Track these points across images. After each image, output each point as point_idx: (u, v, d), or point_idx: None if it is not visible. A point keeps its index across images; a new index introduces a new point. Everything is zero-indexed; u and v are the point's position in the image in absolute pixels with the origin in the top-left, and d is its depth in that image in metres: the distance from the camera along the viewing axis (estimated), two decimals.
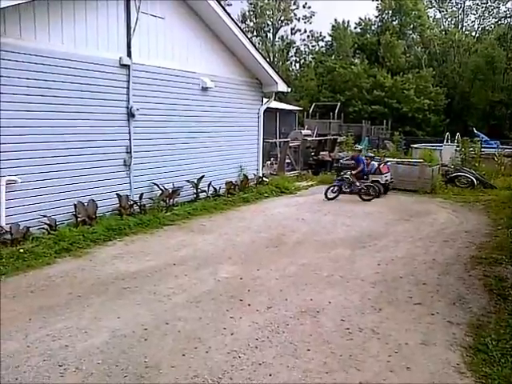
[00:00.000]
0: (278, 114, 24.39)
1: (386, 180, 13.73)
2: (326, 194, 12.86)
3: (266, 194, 12.96)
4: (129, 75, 9.51)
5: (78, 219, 8.34)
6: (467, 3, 45.61)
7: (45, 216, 7.88)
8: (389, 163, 15.09)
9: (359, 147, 14.79)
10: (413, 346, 4.60)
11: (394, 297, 5.88)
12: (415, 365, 4.25)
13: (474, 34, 45.08)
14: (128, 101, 9.54)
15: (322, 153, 18.59)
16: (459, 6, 46.09)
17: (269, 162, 17.31)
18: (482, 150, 18.67)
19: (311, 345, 4.57)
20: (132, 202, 9.48)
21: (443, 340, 4.72)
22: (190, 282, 6.28)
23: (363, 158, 13.70)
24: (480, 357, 4.36)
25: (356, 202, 12.68)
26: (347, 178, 13.22)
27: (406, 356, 4.41)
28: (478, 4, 45.44)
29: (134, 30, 9.43)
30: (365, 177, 13.34)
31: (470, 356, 4.40)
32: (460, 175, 15.29)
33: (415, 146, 23.59)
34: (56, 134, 8.21)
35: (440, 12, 47.44)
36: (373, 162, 13.87)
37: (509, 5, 43.24)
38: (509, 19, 41.12)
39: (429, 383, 3.97)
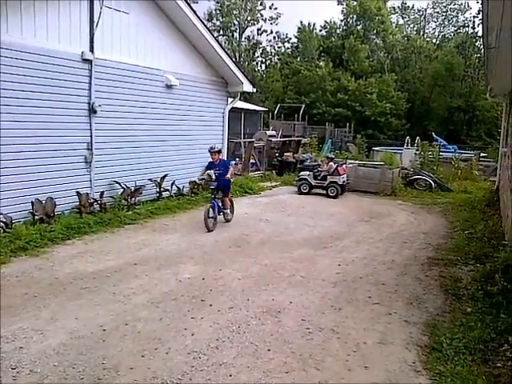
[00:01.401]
0: (243, 114, 24.40)
1: (343, 181, 14.12)
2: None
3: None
4: (91, 70, 9.29)
5: (36, 217, 8.09)
6: (429, 11, 47.20)
7: (0, 213, 7.60)
8: (350, 165, 15.40)
9: (329, 156, 15.18)
10: (371, 345, 4.70)
11: (353, 297, 5.99)
12: (373, 363, 4.35)
13: (434, 40, 46.53)
14: (90, 96, 9.32)
15: (286, 154, 18.72)
16: (421, 13, 47.62)
17: (233, 162, 17.27)
18: (441, 154, 19.29)
19: (272, 345, 4.59)
20: (92, 200, 9.28)
21: (400, 339, 4.84)
22: (151, 282, 6.20)
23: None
24: (435, 355, 4.50)
25: (319, 203, 12.84)
26: (305, 178, 14.08)
27: (364, 355, 4.50)
28: (438, 12, 47.07)
29: (97, 25, 9.23)
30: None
31: (425, 355, 4.53)
32: (419, 178, 15.72)
33: (377, 148, 24.14)
34: (13, 128, 7.92)
35: (403, 18, 48.82)
36: (331, 163, 14.23)
37: (467, 15, 44.89)
38: (467, 28, 42.70)
39: (385, 382, 4.06)
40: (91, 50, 9.23)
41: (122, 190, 9.96)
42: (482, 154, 21.61)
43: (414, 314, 5.49)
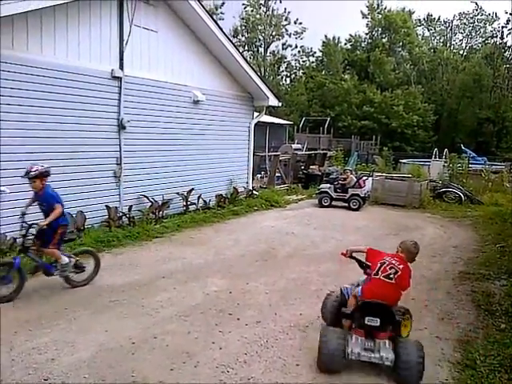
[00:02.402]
0: (268, 128, 24.51)
1: (365, 193, 14.13)
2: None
3: (255, 208, 12.97)
4: (120, 87, 9.52)
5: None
6: (455, 22, 46.68)
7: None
8: (377, 178, 15.28)
9: (348, 168, 15.29)
10: None
11: None
12: None
13: (461, 52, 45.96)
14: (119, 112, 9.54)
15: (311, 167, 18.69)
16: (447, 24, 47.14)
17: (259, 176, 17.36)
18: (470, 166, 18.92)
19: (300, 360, 4.55)
20: (121, 214, 9.43)
21: (431, 355, 4.71)
22: (179, 295, 6.23)
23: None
24: (468, 373, 4.38)
25: (345, 216, 12.74)
26: (326, 191, 14.13)
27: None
28: (465, 23, 46.52)
29: (126, 43, 9.47)
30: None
31: (458, 372, 4.42)
32: (448, 191, 15.44)
33: (404, 161, 23.85)
34: (45, 144, 8.16)
35: (428, 30, 48.45)
36: (351, 176, 14.28)
37: (495, 25, 44.24)
38: (495, 38, 42.04)
39: None
40: (121, 67, 9.47)
41: (149, 203, 10.11)
42: None
43: (446, 330, 5.37)
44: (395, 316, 4.34)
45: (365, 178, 14.75)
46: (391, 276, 4.50)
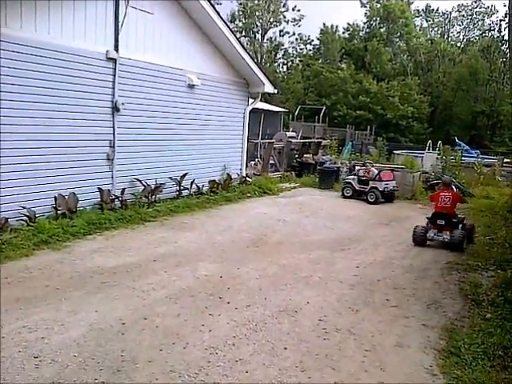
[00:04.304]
0: (263, 115, 24.39)
1: (385, 188, 13.54)
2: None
3: (248, 194, 12.99)
4: (115, 69, 9.44)
5: (58, 212, 8.26)
6: (453, 14, 46.53)
7: (24, 208, 7.78)
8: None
9: (367, 161, 15.17)
10: (388, 347, 4.69)
11: (371, 299, 5.97)
12: (389, 366, 4.33)
13: (459, 44, 45.88)
14: (113, 95, 9.47)
15: (305, 155, 18.69)
16: (446, 16, 46.96)
17: (253, 163, 17.35)
18: (463, 158, 18.98)
19: (288, 343, 4.62)
20: (114, 197, 9.42)
21: (417, 342, 4.81)
22: (170, 278, 6.27)
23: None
24: (452, 360, 4.46)
25: (337, 204, 12.81)
26: (350, 182, 13.93)
27: (380, 357, 4.48)
28: (463, 15, 46.39)
29: (122, 24, 9.37)
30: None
31: (442, 359, 4.50)
32: (440, 182, 15.50)
33: (398, 152, 23.87)
34: (38, 124, 8.10)
35: (427, 21, 48.24)
36: (373, 169, 14.05)
37: (493, 18, 44.17)
38: (493, 32, 42.03)
39: None
40: (116, 49, 9.38)
41: (142, 187, 10.09)
42: (505, 160, 21.22)
43: (432, 318, 5.45)
44: (452, 219, 8.71)
45: (387, 171, 14.27)
46: (446, 201, 8.81)
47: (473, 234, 9.10)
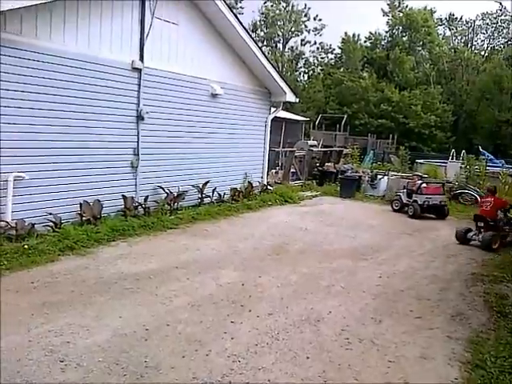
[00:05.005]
0: (284, 124, 24.46)
1: (426, 201, 12.68)
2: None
3: (269, 202, 13.01)
4: (140, 78, 9.61)
5: (83, 218, 8.39)
6: (477, 22, 46.00)
7: (50, 214, 7.93)
8: (392, 177, 15.09)
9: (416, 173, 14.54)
10: (411, 358, 4.62)
11: (394, 309, 5.90)
12: (413, 378, 4.27)
13: (482, 53, 45.30)
14: (138, 103, 9.63)
15: (327, 164, 18.67)
16: (469, 24, 46.46)
17: (274, 171, 17.37)
18: (487, 168, 18.69)
19: (310, 353, 4.59)
20: (137, 204, 9.54)
21: (442, 354, 4.74)
22: (192, 285, 6.31)
23: None
24: (478, 373, 4.37)
25: (360, 214, 12.72)
26: (399, 195, 13.44)
27: (403, 368, 4.42)
28: (487, 24, 45.80)
29: (147, 35, 9.55)
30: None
31: (468, 371, 4.41)
32: (464, 192, 15.30)
33: (420, 161, 23.64)
34: (66, 132, 8.28)
35: (450, 30, 47.84)
36: (418, 181, 13.50)
37: None
38: None
39: None
40: (141, 59, 9.54)
41: (165, 194, 10.20)
42: None
43: (457, 330, 5.36)
44: (489, 222, 9.59)
45: (433, 184, 13.74)
46: (487, 205, 9.90)
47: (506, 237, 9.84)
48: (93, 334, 4.68)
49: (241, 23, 11.63)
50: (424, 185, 13.19)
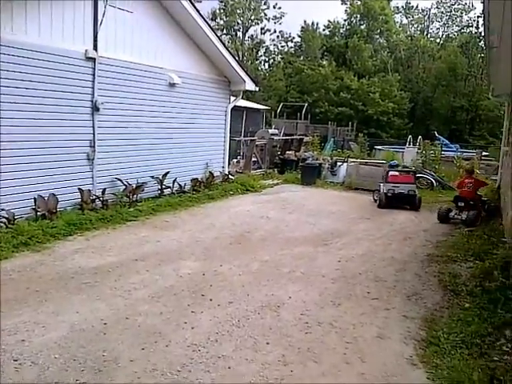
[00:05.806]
0: (245, 113, 24.42)
1: (390, 190, 12.14)
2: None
3: (231, 192, 13.00)
4: (94, 68, 9.34)
5: (38, 213, 8.16)
6: (433, 11, 47.14)
7: (2, 209, 7.67)
8: (351, 163, 15.32)
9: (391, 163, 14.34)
10: (368, 339, 4.75)
11: (352, 292, 6.04)
12: (370, 357, 4.40)
13: (438, 40, 46.44)
14: (93, 94, 9.38)
15: (288, 152, 18.76)
16: (425, 12, 47.53)
17: (235, 160, 17.34)
18: (443, 153, 19.27)
19: (271, 338, 4.65)
20: (94, 197, 9.34)
21: (398, 333, 4.89)
22: (152, 277, 6.25)
23: None
24: (432, 349, 4.54)
25: (320, 200, 12.88)
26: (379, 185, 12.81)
27: (361, 349, 4.55)
28: (442, 12, 47.00)
29: (100, 23, 9.27)
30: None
31: (422, 348, 4.58)
32: (420, 177, 15.72)
33: (379, 147, 24.14)
34: (17, 125, 7.98)
35: (406, 18, 48.75)
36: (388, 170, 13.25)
37: (471, 14, 44.78)
38: (471, 28, 42.66)
39: (382, 374, 4.11)
40: (95, 48, 9.28)
41: (123, 187, 10.03)
42: (484, 153, 21.58)
43: (413, 310, 5.54)
44: (469, 202, 10.41)
45: (402, 173, 13.32)
46: (469, 187, 10.67)
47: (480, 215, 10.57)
48: (49, 331, 4.58)
49: (198, 11, 11.46)
50: (391, 173, 12.87)
